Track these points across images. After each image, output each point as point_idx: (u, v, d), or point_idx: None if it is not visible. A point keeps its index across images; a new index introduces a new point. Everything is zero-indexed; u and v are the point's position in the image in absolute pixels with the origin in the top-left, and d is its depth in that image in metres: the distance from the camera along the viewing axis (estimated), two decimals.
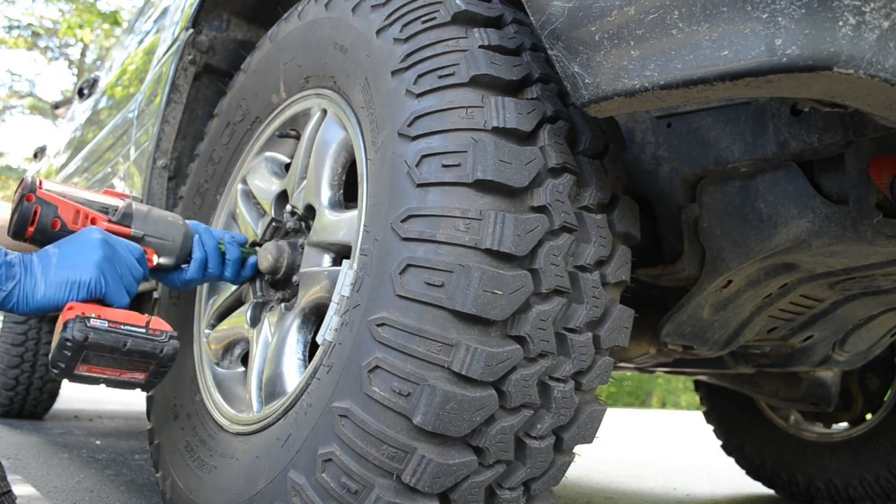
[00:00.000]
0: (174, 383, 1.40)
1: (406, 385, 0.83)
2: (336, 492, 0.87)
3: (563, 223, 0.89)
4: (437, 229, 0.85)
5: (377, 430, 0.84)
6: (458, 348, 0.82)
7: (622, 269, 0.97)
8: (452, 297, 0.83)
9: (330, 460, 0.88)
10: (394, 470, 0.84)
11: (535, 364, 0.88)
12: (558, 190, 0.89)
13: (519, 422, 0.89)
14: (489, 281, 0.83)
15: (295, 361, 1.16)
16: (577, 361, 0.92)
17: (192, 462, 1.23)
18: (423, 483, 0.84)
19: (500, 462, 0.89)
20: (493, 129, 0.87)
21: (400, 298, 0.86)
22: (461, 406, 0.83)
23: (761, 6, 0.67)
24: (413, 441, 0.83)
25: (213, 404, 1.29)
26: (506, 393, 0.86)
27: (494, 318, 0.83)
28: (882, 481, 2.34)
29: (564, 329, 0.91)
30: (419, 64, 0.94)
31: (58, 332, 1.02)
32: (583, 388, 0.95)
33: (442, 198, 0.86)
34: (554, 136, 0.92)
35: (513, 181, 0.86)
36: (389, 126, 0.96)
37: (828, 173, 1.03)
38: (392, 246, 0.89)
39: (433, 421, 0.82)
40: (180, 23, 1.81)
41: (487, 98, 0.89)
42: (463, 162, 0.86)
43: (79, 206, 1.17)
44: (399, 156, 0.92)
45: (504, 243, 0.84)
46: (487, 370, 0.83)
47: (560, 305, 0.89)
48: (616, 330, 0.96)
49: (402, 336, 0.84)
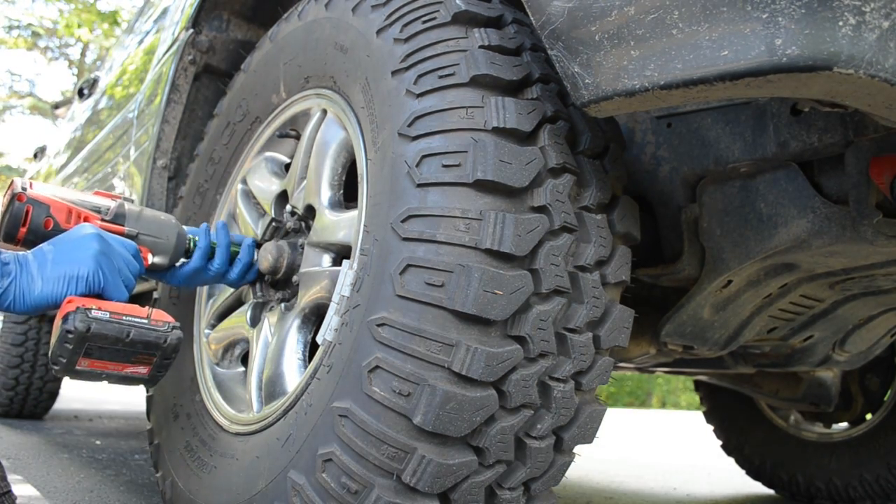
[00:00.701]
0: (174, 383, 1.40)
1: (406, 385, 0.83)
2: (336, 492, 0.87)
3: (564, 223, 0.89)
4: (437, 229, 0.85)
5: (377, 430, 0.84)
6: (458, 348, 0.82)
7: (622, 269, 0.97)
8: (452, 297, 0.83)
9: (330, 460, 0.88)
10: (394, 470, 0.84)
11: (535, 364, 0.88)
12: (558, 190, 0.89)
13: (519, 422, 0.89)
14: (489, 281, 0.83)
15: (295, 361, 1.16)
16: (578, 361, 0.92)
17: (193, 462, 1.23)
18: (424, 483, 0.84)
19: (501, 462, 0.89)
20: (493, 129, 0.87)
21: (400, 298, 0.86)
22: (461, 406, 0.83)
23: (761, 6, 0.67)
24: (413, 441, 0.83)
25: (213, 404, 1.29)
26: (506, 393, 0.86)
27: (495, 318, 0.83)
28: (882, 481, 2.34)
29: (564, 329, 0.91)
30: (419, 64, 0.94)
31: (57, 326, 1.00)
32: (583, 388, 0.95)
33: (442, 198, 0.86)
34: (554, 136, 0.92)
35: (513, 181, 0.86)
36: (389, 126, 0.96)
37: (828, 173, 1.03)
38: (392, 246, 0.89)
39: (433, 421, 0.82)
40: (180, 23, 1.81)
41: (487, 98, 0.89)
42: (463, 162, 0.86)
43: (71, 206, 1.16)
44: (399, 156, 0.92)
45: (504, 243, 0.84)
46: (487, 370, 0.83)
47: (560, 305, 0.89)
48: (616, 330, 0.96)
49: (403, 336, 0.84)
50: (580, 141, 0.95)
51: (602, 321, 0.95)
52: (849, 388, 2.51)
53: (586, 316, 0.92)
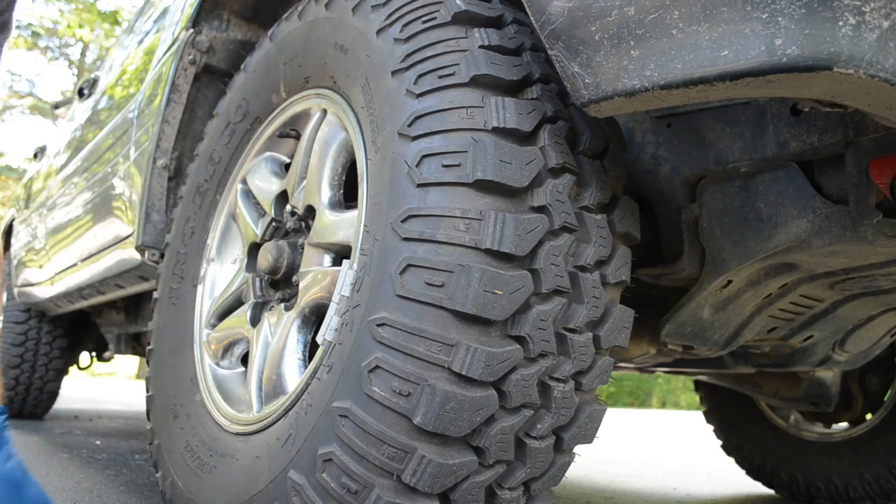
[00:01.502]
0: (174, 383, 1.40)
1: (406, 385, 0.83)
2: (336, 492, 0.87)
3: (564, 223, 0.89)
4: (437, 229, 0.85)
5: (377, 430, 0.84)
6: (458, 348, 0.82)
7: (622, 269, 0.97)
8: (453, 297, 0.83)
9: (330, 460, 0.88)
10: (394, 470, 0.84)
11: (535, 364, 0.88)
12: (558, 190, 0.89)
13: (519, 422, 0.89)
14: (489, 281, 0.83)
15: (295, 361, 1.16)
16: (578, 361, 0.92)
17: (192, 462, 1.23)
18: (424, 483, 0.84)
19: (501, 462, 0.89)
20: (493, 129, 0.87)
21: (400, 298, 0.86)
22: (461, 406, 0.83)
23: (761, 6, 0.67)
24: (413, 441, 0.83)
25: (213, 404, 1.29)
26: (506, 393, 0.86)
27: (495, 318, 0.83)
28: (882, 481, 2.34)
29: (564, 329, 0.91)
30: (419, 64, 0.94)
31: None
32: (583, 389, 0.95)
33: (442, 198, 0.86)
34: (554, 136, 0.92)
35: (513, 181, 0.86)
36: (390, 126, 0.96)
37: (828, 173, 1.03)
38: (392, 246, 0.89)
39: (433, 421, 0.82)
40: (180, 23, 1.82)
41: (488, 98, 0.89)
42: (463, 162, 0.86)
43: None
44: (399, 156, 0.92)
45: (504, 243, 0.84)
46: (488, 370, 0.83)
47: (560, 305, 0.89)
48: (616, 330, 0.96)
49: (403, 336, 0.84)
50: (580, 141, 0.95)
51: (602, 321, 0.95)
52: (849, 388, 2.51)
53: (586, 316, 0.92)
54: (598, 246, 0.94)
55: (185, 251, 1.52)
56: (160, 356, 1.46)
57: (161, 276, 1.56)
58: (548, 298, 0.89)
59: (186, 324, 1.45)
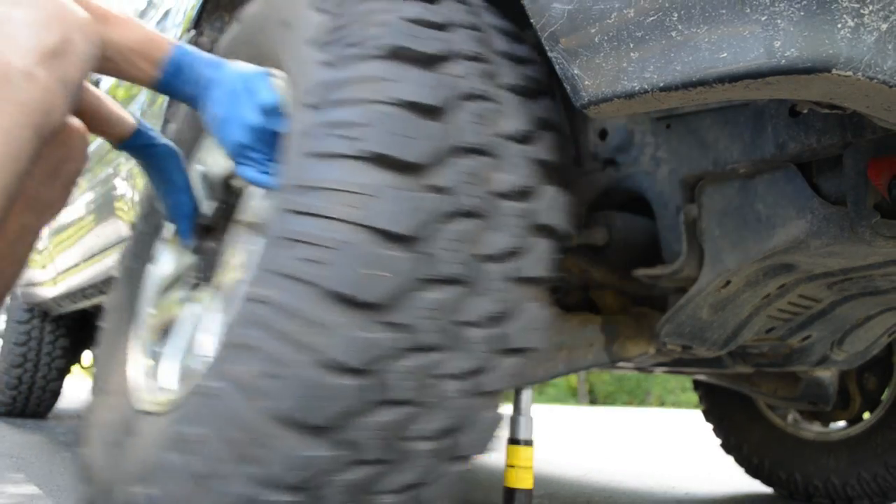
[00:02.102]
0: (105, 363, 1.35)
1: (274, 367, 0.77)
2: (195, 476, 0.81)
3: (468, 207, 0.82)
4: (326, 203, 0.79)
5: (241, 415, 0.78)
6: (332, 331, 0.76)
7: (539, 265, 0.89)
8: (331, 275, 0.76)
9: (201, 441, 0.82)
10: (256, 459, 0.78)
11: (419, 355, 0.80)
12: (466, 171, 0.83)
13: (398, 418, 0.80)
14: (374, 261, 0.77)
15: (210, 342, 1.11)
16: (474, 359, 0.84)
17: (110, 440, 1.16)
18: (286, 476, 0.77)
19: (376, 461, 0.81)
20: (399, 103, 0.82)
21: (278, 275, 0.80)
22: (331, 394, 0.76)
23: (760, 9, 0.67)
24: (276, 430, 0.76)
25: (145, 385, 1.23)
26: (383, 384, 0.78)
27: (377, 301, 0.77)
28: (880, 480, 2.35)
29: (459, 322, 0.82)
30: (333, 33, 0.89)
31: None
32: (481, 390, 0.86)
33: (336, 171, 0.80)
34: (471, 114, 0.86)
35: (413, 157, 0.80)
36: (301, 97, 0.91)
37: (826, 174, 1.03)
38: (284, 220, 0.83)
39: (299, 409, 0.75)
40: (182, 24, 1.82)
41: (400, 71, 0.84)
42: (362, 135, 0.80)
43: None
44: (301, 125, 0.87)
45: (394, 222, 0.78)
46: (360, 357, 0.76)
47: (455, 295, 0.81)
48: (527, 330, 0.88)
49: (276, 314, 0.78)
50: (504, 124, 0.89)
51: (509, 318, 0.86)
52: (846, 388, 2.52)
53: (487, 310, 0.84)
54: (510, 236, 0.86)
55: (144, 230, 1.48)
56: (108, 335, 1.40)
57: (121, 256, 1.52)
58: (440, 286, 0.80)
59: (136, 303, 1.40)
